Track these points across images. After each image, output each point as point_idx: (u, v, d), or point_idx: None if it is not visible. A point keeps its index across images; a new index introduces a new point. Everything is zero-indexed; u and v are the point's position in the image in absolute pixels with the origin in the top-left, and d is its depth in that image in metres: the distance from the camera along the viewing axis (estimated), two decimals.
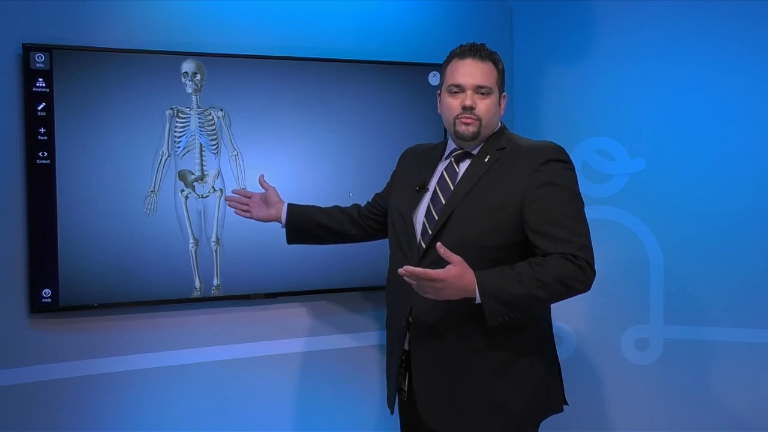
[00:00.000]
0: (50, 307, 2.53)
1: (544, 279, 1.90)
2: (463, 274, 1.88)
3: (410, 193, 2.16)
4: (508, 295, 1.90)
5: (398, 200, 2.21)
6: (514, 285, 1.89)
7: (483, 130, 2.07)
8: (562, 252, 1.93)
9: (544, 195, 1.98)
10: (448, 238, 2.01)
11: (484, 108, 2.06)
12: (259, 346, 2.87)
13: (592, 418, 3.10)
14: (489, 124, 2.09)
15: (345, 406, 2.99)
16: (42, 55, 2.46)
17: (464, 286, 1.88)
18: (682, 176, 2.98)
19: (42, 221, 2.49)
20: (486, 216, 2.01)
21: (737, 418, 2.96)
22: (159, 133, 2.63)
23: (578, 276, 1.92)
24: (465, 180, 2.07)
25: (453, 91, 2.08)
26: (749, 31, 2.89)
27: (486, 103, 2.06)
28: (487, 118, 2.07)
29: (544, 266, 1.91)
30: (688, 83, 2.97)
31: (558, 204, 1.98)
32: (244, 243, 2.75)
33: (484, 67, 2.06)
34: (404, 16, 3.03)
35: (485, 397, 2.04)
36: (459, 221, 2.03)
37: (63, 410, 2.59)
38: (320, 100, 2.82)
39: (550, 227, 1.96)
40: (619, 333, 3.07)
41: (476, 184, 2.04)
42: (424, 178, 2.16)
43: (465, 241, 2.00)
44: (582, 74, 3.10)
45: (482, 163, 2.07)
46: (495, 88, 2.08)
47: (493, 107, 2.08)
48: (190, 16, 2.70)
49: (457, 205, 2.04)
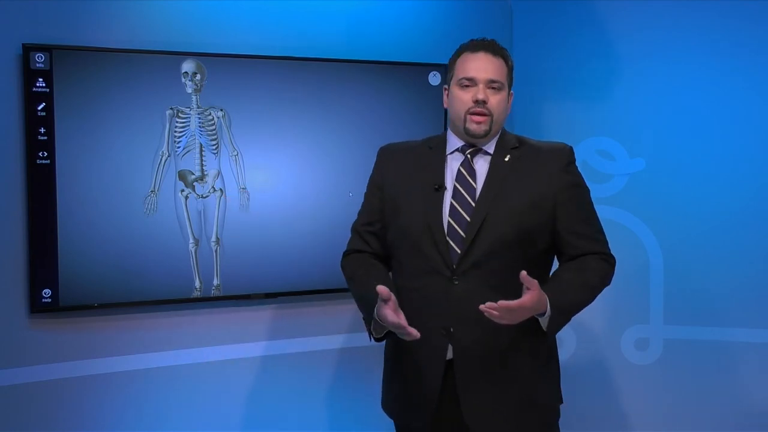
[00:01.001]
0: (50, 307, 2.53)
1: (593, 283, 2.01)
2: (540, 298, 1.88)
3: (423, 194, 2.05)
4: (570, 306, 1.98)
5: (406, 203, 2.08)
6: (575, 295, 1.98)
7: (494, 126, 2.04)
8: (597, 251, 2.05)
9: (574, 196, 2.06)
10: (485, 240, 1.98)
11: (495, 103, 2.03)
12: (259, 346, 2.87)
13: (592, 418, 3.09)
14: (499, 120, 2.06)
15: (345, 406, 2.99)
16: (42, 55, 2.46)
17: (537, 308, 1.90)
18: (682, 176, 2.98)
19: (42, 221, 2.49)
20: (521, 216, 1.99)
21: (737, 418, 2.96)
22: (159, 133, 2.63)
23: (611, 274, 2.06)
24: (491, 179, 2.03)
25: (464, 84, 2.03)
26: (749, 31, 2.89)
27: (498, 98, 2.04)
28: (497, 113, 2.04)
29: (588, 271, 2.01)
30: (688, 83, 2.97)
31: (585, 204, 2.08)
32: (244, 243, 2.75)
33: (496, 61, 2.04)
34: (404, 16, 3.03)
35: (528, 398, 2.04)
36: (494, 222, 1.99)
37: (63, 410, 2.59)
38: (320, 100, 2.82)
39: (583, 227, 2.05)
40: (619, 333, 3.07)
41: (503, 184, 2.02)
42: (436, 178, 2.07)
43: (503, 242, 1.98)
44: (582, 74, 3.10)
45: (503, 163, 2.05)
46: (506, 84, 2.07)
47: (504, 103, 2.07)
48: (190, 16, 2.70)
49: (490, 207, 2.00)
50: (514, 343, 2.00)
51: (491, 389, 2.01)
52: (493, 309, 1.81)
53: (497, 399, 2.01)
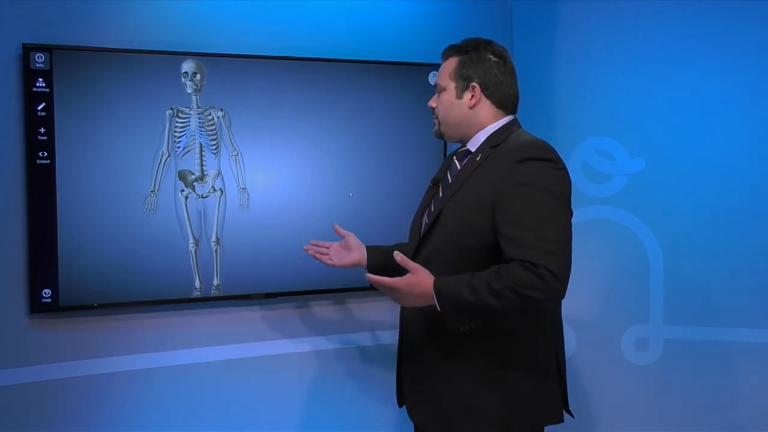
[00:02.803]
0: (50, 307, 2.53)
1: (496, 287, 1.80)
2: (419, 282, 1.88)
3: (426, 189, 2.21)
4: (464, 303, 1.84)
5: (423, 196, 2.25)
6: (467, 292, 1.83)
7: (446, 129, 2.09)
8: (522, 258, 1.79)
9: (514, 196, 1.86)
10: (436, 236, 2.02)
11: (437, 106, 2.10)
12: (259, 346, 2.87)
13: (592, 418, 3.09)
14: (447, 121, 2.07)
15: (345, 406, 2.98)
16: (42, 55, 2.46)
17: (422, 293, 1.88)
18: (682, 176, 2.98)
19: (42, 221, 2.49)
20: (464, 215, 1.95)
21: (737, 418, 2.96)
22: (159, 133, 2.63)
23: (535, 284, 1.77)
24: (457, 178, 2.03)
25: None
26: (749, 32, 2.89)
27: (438, 100, 2.09)
28: (441, 114, 2.08)
29: (500, 274, 1.81)
30: (689, 83, 2.97)
31: (528, 206, 1.84)
32: (244, 243, 2.75)
33: (444, 65, 2.08)
34: (404, 16, 3.03)
35: (465, 402, 1.99)
36: (445, 220, 2.00)
37: (63, 410, 2.59)
38: (320, 100, 2.82)
39: (514, 230, 1.83)
40: (619, 333, 3.07)
41: (465, 182, 1.99)
42: (438, 174, 2.19)
43: (447, 241, 1.98)
44: (582, 74, 3.10)
45: (474, 161, 2.01)
46: (448, 83, 2.05)
47: (445, 103, 2.06)
48: (190, 16, 2.70)
49: (447, 203, 2.01)
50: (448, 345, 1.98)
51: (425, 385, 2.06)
52: (373, 282, 1.92)
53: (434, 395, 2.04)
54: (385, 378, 2.92)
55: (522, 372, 1.98)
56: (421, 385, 2.09)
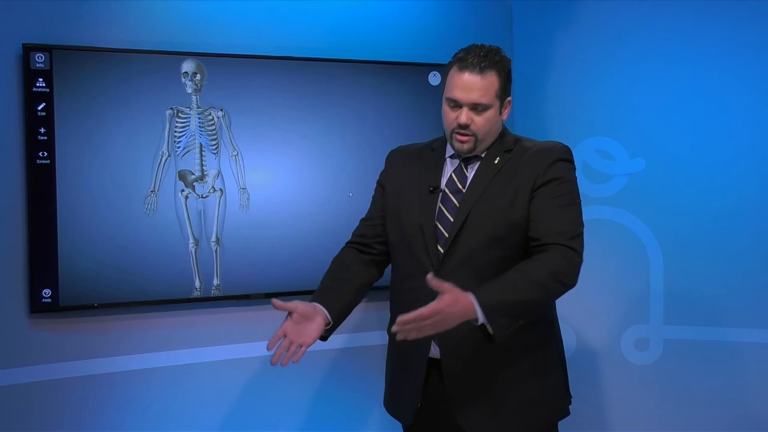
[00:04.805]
0: (50, 307, 2.53)
1: (537, 278, 1.87)
2: (458, 300, 1.79)
3: (420, 195, 2.07)
4: (510, 306, 1.85)
5: (405, 204, 2.09)
6: (511, 294, 1.85)
7: (479, 144, 2.02)
8: (551, 240, 1.92)
9: (550, 188, 1.98)
10: (466, 240, 1.98)
11: (480, 123, 1.99)
12: (259, 346, 2.86)
13: (592, 418, 3.09)
14: (486, 137, 2.03)
15: (345, 406, 2.99)
16: (42, 55, 2.46)
17: (461, 311, 1.80)
18: (682, 176, 2.98)
19: (42, 221, 2.49)
20: (501, 214, 1.98)
21: (737, 418, 2.96)
22: (159, 133, 2.63)
23: (569, 270, 1.91)
24: (477, 182, 2.03)
25: (450, 105, 2.01)
26: (749, 32, 2.89)
27: (482, 118, 1.99)
28: (482, 133, 2.00)
29: (533, 265, 1.89)
30: (688, 83, 2.97)
31: (558, 195, 1.98)
32: (244, 243, 2.75)
33: (482, 82, 1.96)
34: (404, 16, 3.03)
35: (521, 395, 2.03)
36: (476, 222, 1.99)
37: (63, 410, 2.59)
38: (320, 100, 2.83)
39: (547, 214, 1.95)
40: (619, 333, 3.07)
41: (489, 185, 2.01)
42: (433, 180, 2.08)
43: (484, 240, 1.98)
44: (582, 74, 3.10)
45: (492, 165, 2.03)
46: (494, 101, 2.00)
47: (491, 120, 2.01)
48: (190, 16, 2.70)
49: (473, 206, 2.00)
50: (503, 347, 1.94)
51: (482, 389, 2.02)
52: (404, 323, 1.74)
53: (490, 399, 2.01)
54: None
55: (553, 361, 2.10)
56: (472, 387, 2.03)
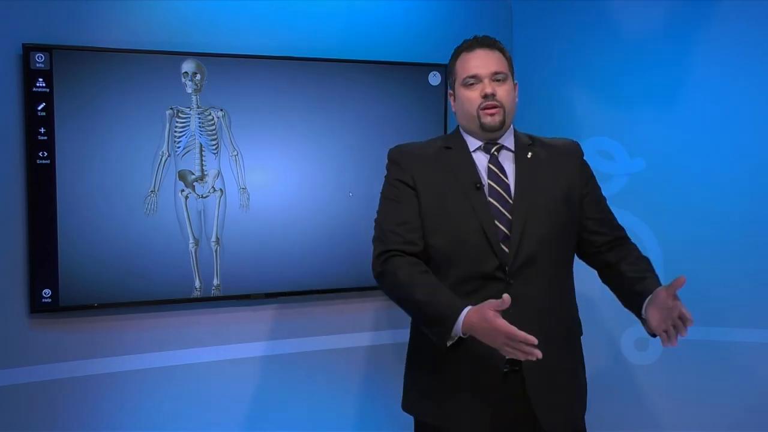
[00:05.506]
0: (50, 307, 2.53)
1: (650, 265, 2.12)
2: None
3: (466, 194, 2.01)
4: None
5: (453, 205, 2.02)
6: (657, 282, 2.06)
7: (507, 117, 2.07)
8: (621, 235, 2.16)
9: (594, 187, 2.16)
10: (530, 238, 1.99)
11: (503, 93, 2.05)
12: (259, 346, 2.87)
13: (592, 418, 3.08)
14: (511, 111, 2.09)
15: (345, 405, 2.99)
16: (42, 55, 2.46)
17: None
18: (682, 176, 2.97)
19: (42, 221, 2.49)
20: (558, 212, 2.05)
21: (737, 418, 2.95)
22: (159, 133, 2.63)
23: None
24: (521, 176, 2.05)
25: (469, 83, 2.05)
26: (750, 31, 2.89)
27: (504, 88, 2.06)
28: (507, 102, 2.06)
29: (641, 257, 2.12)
30: (689, 83, 2.96)
31: (600, 192, 2.19)
32: (244, 243, 2.75)
33: (494, 54, 2.07)
34: (404, 16, 3.03)
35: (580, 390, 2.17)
36: (535, 220, 2.00)
37: (63, 410, 2.59)
38: (320, 100, 2.83)
39: (606, 213, 2.17)
40: (619, 333, 3.07)
41: (532, 179, 2.05)
42: (472, 176, 2.04)
43: (547, 239, 2.01)
44: (582, 74, 3.10)
45: (527, 159, 2.08)
46: (509, 74, 2.09)
47: (511, 93, 2.08)
48: (190, 16, 2.70)
49: (527, 203, 2.02)
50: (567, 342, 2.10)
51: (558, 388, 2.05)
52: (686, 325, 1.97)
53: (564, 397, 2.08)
54: (385, 378, 2.93)
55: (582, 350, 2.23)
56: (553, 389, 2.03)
